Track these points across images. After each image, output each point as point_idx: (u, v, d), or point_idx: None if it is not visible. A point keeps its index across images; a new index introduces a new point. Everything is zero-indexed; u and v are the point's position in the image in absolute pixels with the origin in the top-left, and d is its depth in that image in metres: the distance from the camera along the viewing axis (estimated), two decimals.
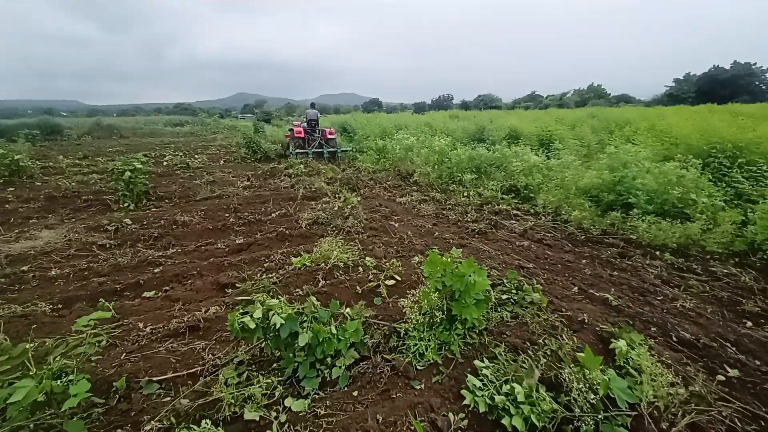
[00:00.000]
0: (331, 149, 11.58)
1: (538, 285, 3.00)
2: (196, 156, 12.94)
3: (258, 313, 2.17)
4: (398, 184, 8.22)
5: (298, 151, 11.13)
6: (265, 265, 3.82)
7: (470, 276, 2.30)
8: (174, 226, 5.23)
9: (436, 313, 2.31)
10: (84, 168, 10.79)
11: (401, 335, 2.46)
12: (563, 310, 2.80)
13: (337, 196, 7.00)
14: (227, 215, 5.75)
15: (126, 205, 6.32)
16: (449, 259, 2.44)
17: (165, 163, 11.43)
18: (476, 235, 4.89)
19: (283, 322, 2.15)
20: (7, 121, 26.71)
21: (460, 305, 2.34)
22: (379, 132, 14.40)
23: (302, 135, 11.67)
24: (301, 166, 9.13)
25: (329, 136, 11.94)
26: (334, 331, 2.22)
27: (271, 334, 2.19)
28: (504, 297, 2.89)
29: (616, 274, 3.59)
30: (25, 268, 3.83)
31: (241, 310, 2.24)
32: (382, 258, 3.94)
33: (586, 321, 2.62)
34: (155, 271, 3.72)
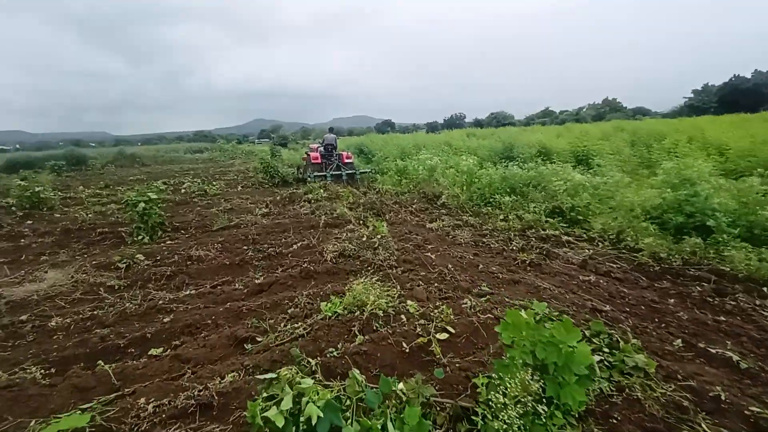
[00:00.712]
0: (350, 171, 11.45)
1: (634, 340, 2.36)
2: (214, 182, 12.78)
3: (287, 402, 1.61)
4: (425, 207, 7.68)
5: (316, 174, 11.04)
6: (289, 311, 3.28)
7: (569, 345, 1.70)
8: (188, 262, 4.80)
9: (527, 398, 1.70)
10: (103, 198, 10.70)
11: (474, 421, 1.85)
12: (678, 377, 2.14)
13: (361, 222, 6.50)
14: (245, 248, 5.29)
15: (140, 238, 5.97)
16: (533, 317, 1.85)
17: (183, 190, 11.27)
18: (528, 268, 4.25)
19: (321, 414, 1.59)
20: (37, 153, 27.79)
21: (556, 384, 1.73)
22: (398, 152, 14.04)
23: (319, 161, 11.65)
24: (321, 190, 8.73)
25: (347, 160, 11.91)
26: (390, 427, 1.63)
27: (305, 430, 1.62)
28: (595, 358, 2.25)
29: (724, 319, 2.89)
30: (24, 317, 3.40)
31: (264, 394, 1.70)
32: (425, 300, 3.35)
33: (722, 397, 1.95)
34: (165, 320, 3.23)
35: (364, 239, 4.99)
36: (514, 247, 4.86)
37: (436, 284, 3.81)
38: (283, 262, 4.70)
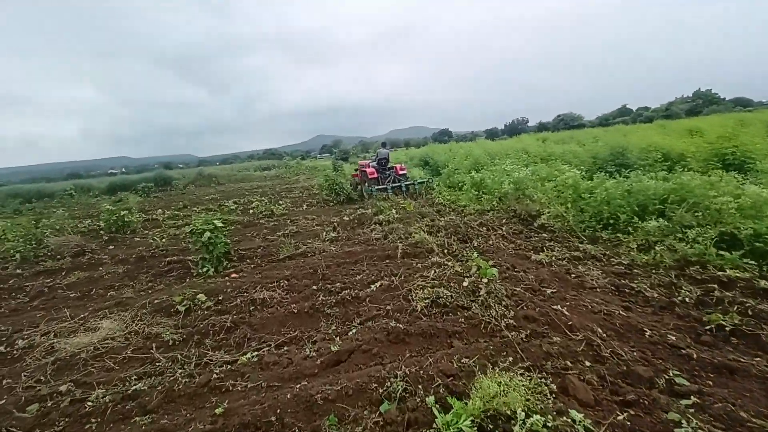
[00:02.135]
0: (408, 183, 11.40)
1: None
2: (281, 201, 12.61)
3: None
4: (518, 230, 6.32)
5: (377, 187, 11.00)
6: (382, 410, 2.26)
7: None
8: (252, 307, 4.06)
9: None
10: (180, 220, 10.93)
11: None
12: None
13: (446, 251, 5.38)
14: (314, 287, 4.46)
15: (205, 270, 5.49)
16: None
17: (251, 210, 11.14)
18: (731, 339, 2.78)
19: None
20: (132, 176, 31.23)
21: None
22: (470, 163, 12.71)
23: (375, 175, 11.63)
24: (393, 211, 7.78)
25: (401, 172, 11.91)
26: None
27: None
28: None
29: None
30: (63, 387, 2.84)
31: None
32: (593, 406, 2.12)
33: None
34: (217, 411, 2.40)
35: (464, 282, 3.84)
36: (687, 299, 3.36)
37: (589, 364, 2.54)
38: (361, 310, 3.74)
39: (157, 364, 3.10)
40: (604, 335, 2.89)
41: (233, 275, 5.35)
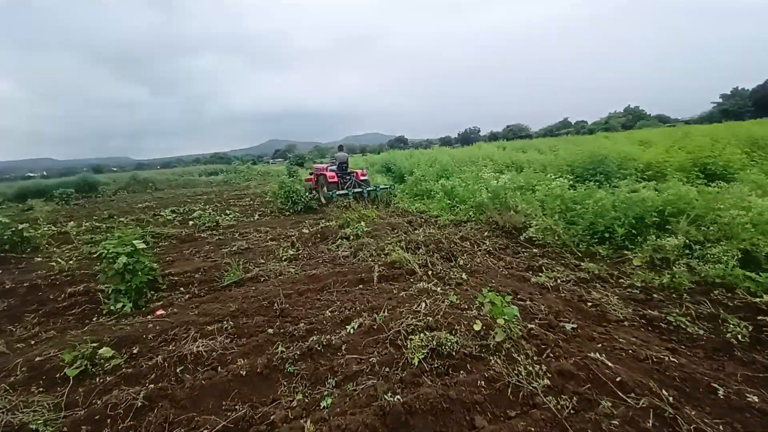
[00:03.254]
0: (369, 188, 11.01)
1: None
2: (228, 211, 11.11)
3: None
4: (504, 244, 5.68)
5: (338, 192, 10.44)
6: None
7: None
8: (179, 369, 2.89)
9: None
10: (98, 234, 9.06)
11: None
12: None
13: (430, 273, 4.54)
14: (269, 329, 3.37)
15: (120, 307, 4.14)
16: None
17: (191, 222, 9.57)
18: None
19: None
20: (48, 180, 27.09)
21: None
22: (437, 170, 12.14)
23: (335, 179, 11.22)
24: (362, 224, 6.82)
25: (362, 177, 11.60)
26: None
27: None
28: None
29: None
30: None
31: None
32: None
33: None
34: None
35: (474, 325, 2.98)
36: (740, 336, 2.79)
37: None
38: (336, 365, 2.75)
39: None
40: (669, 397, 2.17)
41: (159, 312, 4.07)
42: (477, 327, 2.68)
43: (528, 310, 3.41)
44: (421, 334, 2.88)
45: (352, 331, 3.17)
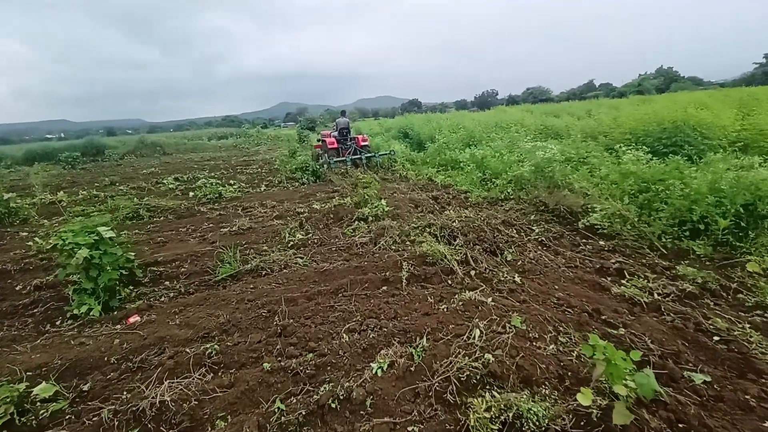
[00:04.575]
0: (369, 155, 10.68)
1: None
2: (233, 180, 10.18)
3: None
4: (558, 232, 4.60)
5: (336, 160, 10.16)
6: None
7: None
8: (134, 430, 2.04)
9: None
10: (95, 205, 8.30)
11: None
12: None
13: (475, 270, 3.56)
14: (266, 363, 2.47)
15: (85, 310, 3.31)
16: None
17: (192, 193, 8.69)
18: None
19: None
20: (56, 143, 26.53)
21: None
22: (462, 137, 10.82)
23: (335, 145, 10.91)
24: (383, 202, 5.78)
25: (363, 143, 11.24)
26: None
27: None
28: None
29: None
30: None
31: None
32: None
33: None
34: None
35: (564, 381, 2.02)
36: None
37: None
38: None
39: None
40: None
41: (132, 319, 3.23)
42: (584, 400, 1.70)
43: (618, 340, 2.43)
44: (485, 392, 1.94)
45: (380, 373, 2.24)
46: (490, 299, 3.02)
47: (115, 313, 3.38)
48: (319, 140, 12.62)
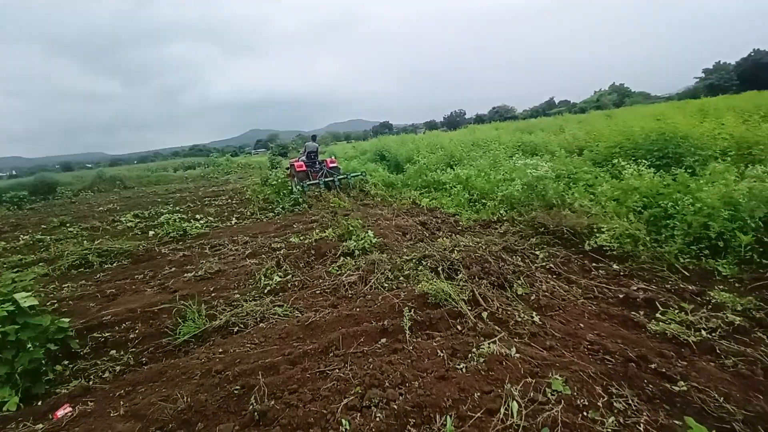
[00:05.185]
0: (341, 176, 10.83)
1: None
2: (200, 214, 9.37)
3: None
4: (564, 256, 4.22)
5: (309, 182, 10.17)
6: None
7: None
8: None
9: None
10: (35, 251, 7.27)
11: None
12: None
13: (485, 310, 3.06)
14: None
15: None
16: None
17: (152, 232, 7.83)
18: None
19: None
20: (1, 182, 24.40)
21: None
22: (441, 156, 10.59)
23: (303, 168, 11.07)
24: (370, 233, 5.24)
25: (331, 165, 11.53)
26: None
27: None
28: None
29: None
30: None
31: None
32: None
33: None
34: None
35: None
36: None
37: None
38: None
39: None
40: None
41: (62, 411, 2.47)
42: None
43: (692, 404, 1.97)
44: None
45: None
46: (513, 350, 2.51)
47: (39, 404, 2.60)
48: (287, 168, 12.71)
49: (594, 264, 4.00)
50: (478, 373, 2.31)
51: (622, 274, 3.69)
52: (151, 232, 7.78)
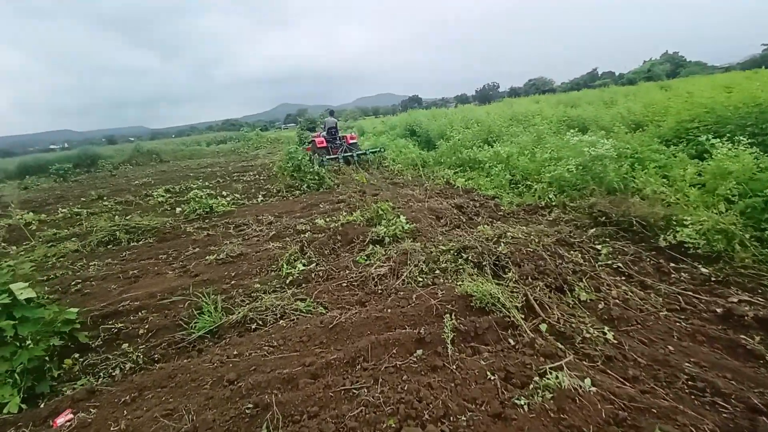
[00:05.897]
0: (359, 152, 10.89)
1: None
2: (228, 189, 9.20)
3: None
4: (633, 253, 3.54)
5: (329, 158, 10.32)
6: None
7: None
8: None
9: None
10: (70, 227, 7.35)
11: None
12: None
13: (542, 317, 2.52)
14: None
15: None
16: None
17: (180, 208, 7.71)
18: None
19: None
20: (49, 155, 25.75)
21: None
22: (478, 132, 9.74)
23: (324, 144, 11.15)
24: (402, 219, 4.73)
25: (351, 141, 11.50)
26: None
27: None
28: None
29: None
30: None
31: None
32: None
33: None
34: None
35: None
36: None
37: None
38: None
39: None
40: None
41: (63, 418, 2.23)
42: None
43: None
44: None
45: None
46: (588, 381, 1.98)
47: (41, 406, 2.39)
48: (309, 143, 12.59)
49: (673, 265, 3.31)
50: (545, 415, 1.81)
51: (713, 279, 3.00)
52: (178, 209, 7.66)
